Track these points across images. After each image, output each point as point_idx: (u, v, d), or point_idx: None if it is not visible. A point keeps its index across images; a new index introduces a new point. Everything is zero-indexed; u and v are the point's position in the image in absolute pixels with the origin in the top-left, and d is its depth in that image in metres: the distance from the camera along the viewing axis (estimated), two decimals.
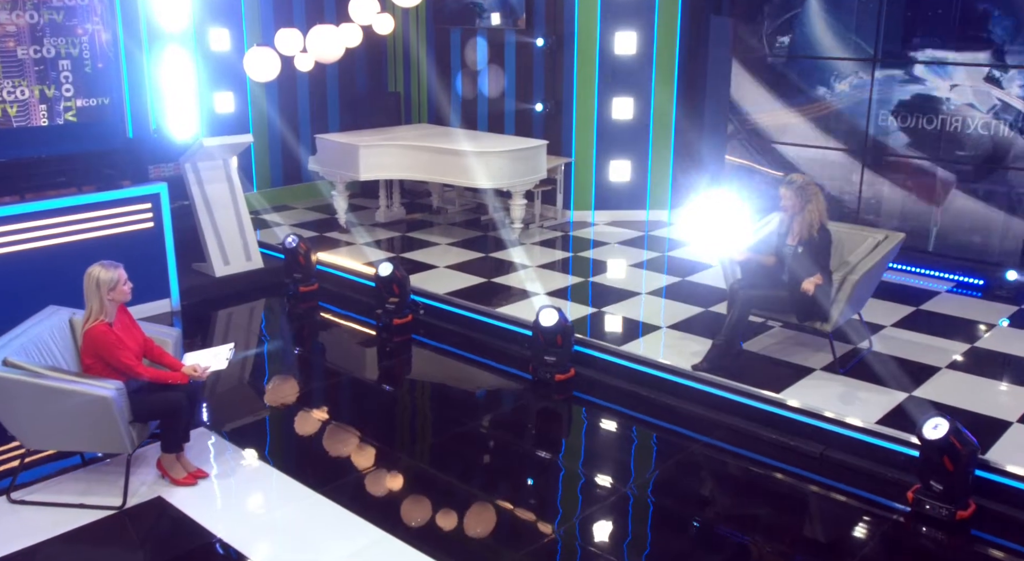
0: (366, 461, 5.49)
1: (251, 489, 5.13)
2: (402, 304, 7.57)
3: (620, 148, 10.09)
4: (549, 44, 9.90)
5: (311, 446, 5.74)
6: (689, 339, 6.72)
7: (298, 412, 6.14)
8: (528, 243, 9.39)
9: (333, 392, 6.58)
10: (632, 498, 5.09)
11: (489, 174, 8.88)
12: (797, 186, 5.93)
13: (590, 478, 5.36)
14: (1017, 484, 4.82)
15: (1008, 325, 7.11)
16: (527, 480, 5.38)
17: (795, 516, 5.14)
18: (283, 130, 10.94)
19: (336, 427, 5.93)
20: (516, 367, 6.80)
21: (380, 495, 5.12)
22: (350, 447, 5.68)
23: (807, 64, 8.83)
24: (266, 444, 5.73)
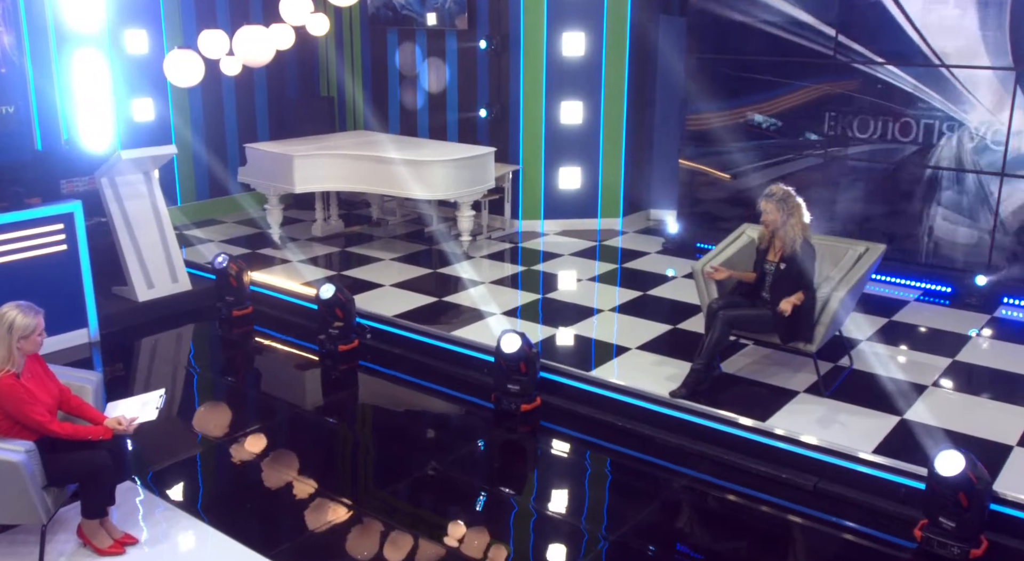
0: (315, 515, 4.87)
1: (189, 557, 4.49)
2: (347, 329, 6.96)
3: (570, 154, 9.64)
4: (493, 46, 9.39)
5: (254, 498, 5.10)
6: (662, 361, 6.29)
7: (237, 455, 5.49)
8: (477, 256, 8.86)
9: (274, 430, 5.93)
10: (614, 546, 4.61)
11: (435, 185, 8.33)
12: (778, 198, 5.54)
13: (566, 524, 4.86)
14: None
15: (985, 335, 6.86)
16: (496, 529, 4.85)
17: (792, 555, 4.74)
18: (208, 139, 10.18)
19: (280, 472, 5.30)
20: (476, 396, 6.27)
21: (332, 556, 4.55)
22: (296, 497, 5.06)
23: (764, 64, 8.51)
24: (201, 497, 5.08)
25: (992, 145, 7.50)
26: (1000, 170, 7.51)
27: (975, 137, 7.56)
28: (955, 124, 7.62)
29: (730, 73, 8.73)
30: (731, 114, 8.81)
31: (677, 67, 9.41)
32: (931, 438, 5.19)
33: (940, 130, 7.72)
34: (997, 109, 7.40)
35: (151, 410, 4.36)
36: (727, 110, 8.82)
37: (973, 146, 7.58)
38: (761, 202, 5.60)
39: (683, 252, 9.08)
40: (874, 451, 5.05)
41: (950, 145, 7.69)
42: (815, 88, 8.28)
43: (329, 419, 6.23)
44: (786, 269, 5.59)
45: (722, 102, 8.83)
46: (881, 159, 8.06)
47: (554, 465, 5.65)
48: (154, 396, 4.44)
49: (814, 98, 8.31)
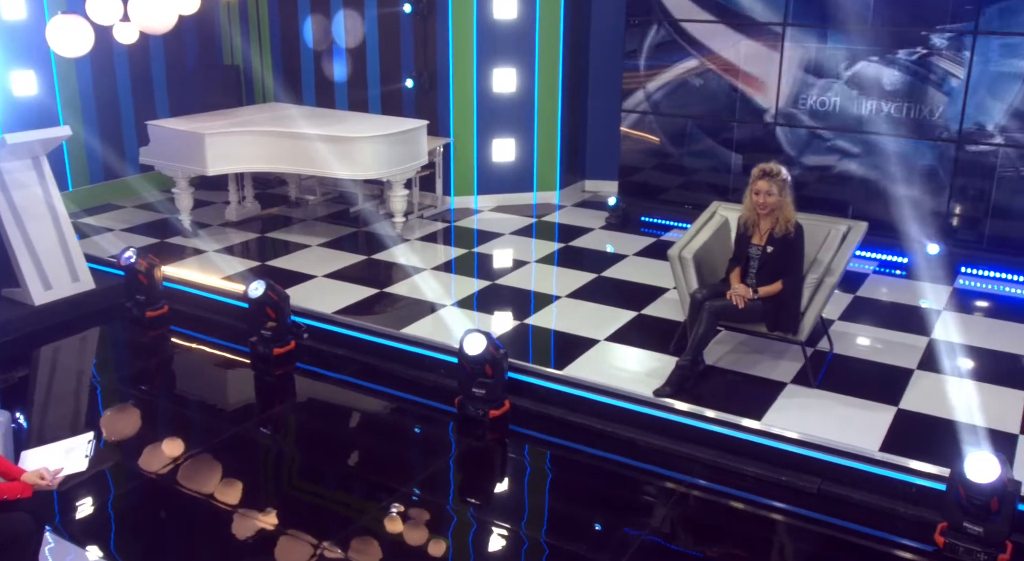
0: (256, 552, 4.24)
1: None
2: (281, 329, 6.25)
3: (503, 125, 9.03)
4: (418, 10, 8.64)
5: (181, 536, 4.41)
6: (636, 354, 5.83)
7: (158, 483, 4.75)
8: (412, 239, 8.20)
9: (201, 450, 5.17)
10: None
11: (365, 163, 7.61)
12: (782, 178, 5.09)
13: (556, 549, 4.36)
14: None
15: (952, 309, 6.67)
16: (478, 555, 4.33)
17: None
18: (100, 115, 9.12)
19: (211, 502, 4.61)
20: (436, 399, 5.69)
21: None
22: (234, 533, 4.39)
23: (711, 28, 8.07)
24: (115, 539, 4.35)
25: (948, 112, 7.28)
26: (956, 137, 7.31)
27: (930, 103, 7.33)
28: (910, 90, 7.37)
29: (672, 36, 8.26)
30: (675, 79, 8.36)
31: (614, 29, 8.91)
32: (936, 431, 4.92)
33: (895, 96, 7.45)
34: (953, 74, 7.17)
35: (79, 459, 3.62)
36: (670, 75, 8.37)
37: (928, 113, 7.35)
38: (761, 183, 5.14)
39: (628, 227, 8.64)
40: (881, 448, 4.73)
41: (905, 112, 7.44)
42: (763, 54, 7.90)
43: (267, 434, 5.53)
44: (774, 253, 5.19)
45: (665, 67, 8.37)
46: (834, 126, 7.76)
47: (530, 476, 5.13)
48: (81, 441, 3.69)
49: (761, 65, 7.93)
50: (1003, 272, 7.26)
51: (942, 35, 7.15)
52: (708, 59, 8.17)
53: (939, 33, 7.16)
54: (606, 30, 9.13)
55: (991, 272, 7.30)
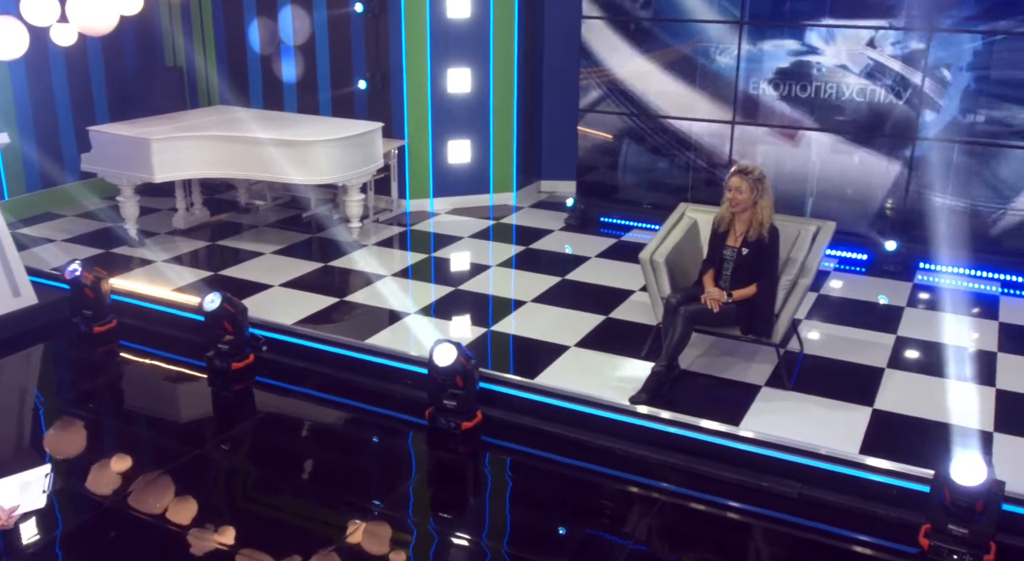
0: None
1: None
2: (239, 342, 6.01)
3: (459, 126, 8.87)
4: (370, 9, 8.42)
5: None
6: (607, 360, 5.73)
7: (113, 512, 4.51)
8: (369, 244, 8.00)
9: (160, 472, 4.94)
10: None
11: (320, 167, 7.38)
12: (756, 177, 5.03)
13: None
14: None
15: (915, 306, 6.71)
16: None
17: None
18: (37, 120, 8.72)
19: (172, 531, 4.38)
20: (404, 411, 5.52)
21: None
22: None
23: (672, 27, 8.01)
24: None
25: (904, 108, 7.33)
26: (913, 134, 7.36)
27: (887, 100, 7.37)
28: (866, 87, 7.40)
29: (630, 35, 8.19)
30: (632, 77, 8.29)
31: (569, 28, 8.81)
32: (913, 431, 4.92)
33: (852, 93, 7.48)
34: (909, 72, 7.22)
35: (36, 494, 3.37)
36: (627, 73, 8.30)
37: (885, 110, 7.39)
38: (733, 179, 5.07)
39: (587, 228, 8.56)
40: (860, 450, 4.70)
41: (862, 109, 7.48)
42: (722, 52, 7.87)
43: (229, 454, 5.30)
44: (749, 255, 5.13)
45: (621, 64, 8.30)
46: (791, 124, 7.77)
47: (504, 489, 4.99)
48: (37, 475, 3.44)
49: (721, 64, 7.90)
50: (959, 266, 7.34)
51: (897, 33, 7.19)
52: (666, 57, 8.11)
53: (893, 30, 7.20)
54: (561, 28, 9.03)
55: (949, 267, 7.38)
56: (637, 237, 8.33)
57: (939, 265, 7.41)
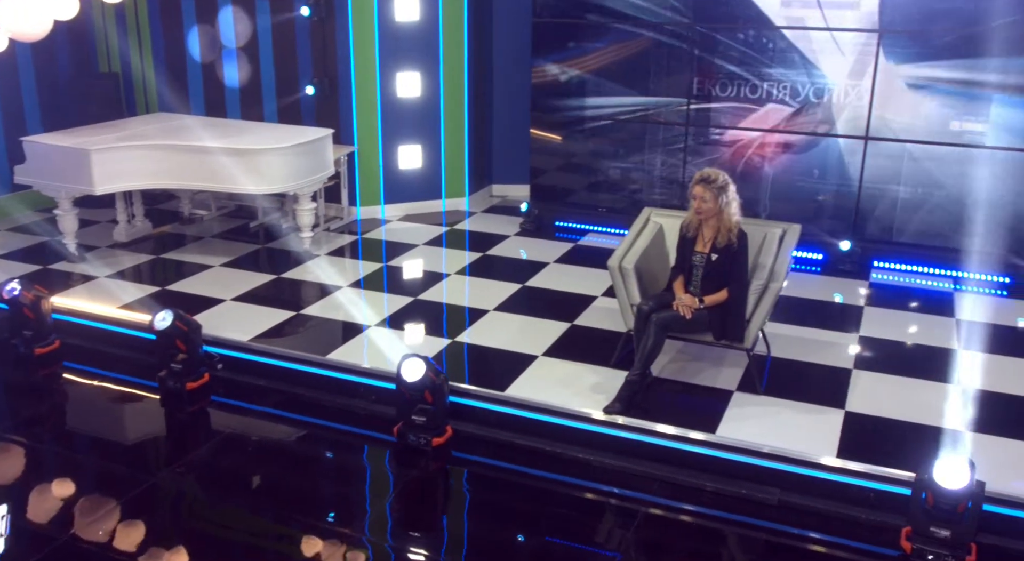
0: None
1: None
2: (193, 361, 5.77)
3: (409, 131, 8.70)
4: (316, 12, 8.20)
5: None
6: (577, 369, 5.64)
7: (72, 553, 4.26)
8: (322, 254, 7.78)
9: (116, 505, 4.69)
10: None
11: (272, 176, 7.15)
12: (719, 186, 4.99)
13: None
14: (1016, 513, 4.27)
15: (874, 305, 6.77)
16: None
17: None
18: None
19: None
20: (371, 428, 5.36)
21: None
22: None
23: (625, 28, 7.96)
24: None
25: (856, 108, 7.40)
26: (864, 133, 7.43)
27: (840, 100, 7.44)
28: (821, 88, 7.46)
29: (581, 37, 8.13)
30: (585, 79, 8.23)
31: (519, 30, 8.72)
32: (886, 433, 4.94)
33: (806, 94, 7.53)
34: (861, 72, 7.29)
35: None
36: (580, 74, 8.23)
37: (838, 109, 7.46)
38: (696, 188, 5.03)
39: (543, 232, 8.48)
40: (837, 454, 4.69)
41: (816, 109, 7.53)
42: (676, 54, 7.85)
43: (189, 480, 5.06)
44: (719, 260, 5.09)
45: (574, 68, 8.23)
46: (746, 125, 7.79)
47: (480, 506, 4.85)
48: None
49: (675, 64, 7.89)
50: (913, 265, 7.45)
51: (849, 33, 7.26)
52: (619, 58, 8.06)
53: (845, 31, 7.27)
54: (511, 29, 8.93)
55: (902, 265, 7.48)
56: (594, 241, 8.28)
57: (893, 263, 7.51)
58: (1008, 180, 7.07)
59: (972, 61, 6.94)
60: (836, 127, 7.50)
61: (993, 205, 7.15)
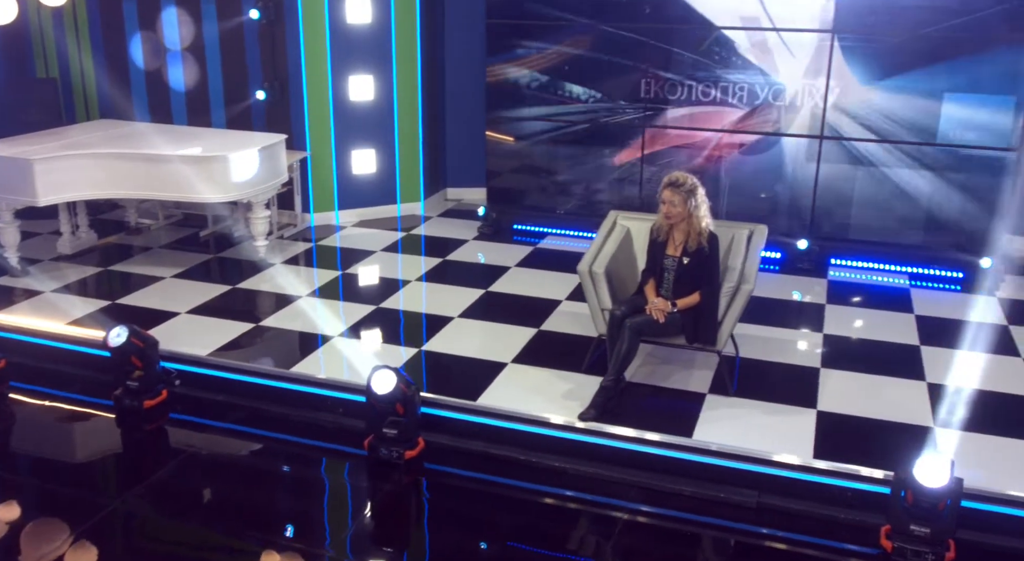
0: None
1: None
2: (151, 378, 5.57)
3: (363, 135, 8.55)
4: (266, 15, 7.99)
5: None
6: (548, 375, 5.57)
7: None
8: (277, 263, 7.59)
9: (76, 535, 4.48)
10: None
11: (227, 183, 6.94)
12: (687, 189, 4.96)
13: None
14: (992, 507, 4.33)
15: (834, 303, 6.84)
16: None
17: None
18: None
19: None
20: (341, 442, 5.22)
21: None
22: None
23: (580, 28, 7.92)
24: None
25: (811, 108, 7.47)
26: (819, 133, 7.51)
27: (794, 100, 7.50)
28: (775, 88, 7.51)
29: (536, 38, 8.07)
30: (539, 80, 8.17)
31: (472, 32, 8.64)
32: (859, 431, 4.98)
33: (761, 94, 7.58)
34: (815, 72, 7.36)
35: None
36: (537, 80, 8.17)
37: (793, 109, 7.52)
38: (665, 193, 5.00)
39: (501, 236, 8.40)
40: (814, 455, 4.70)
41: (771, 109, 7.59)
42: (631, 53, 7.84)
43: (151, 504, 4.85)
44: (690, 264, 5.07)
45: (529, 73, 8.16)
46: (701, 126, 7.81)
47: (457, 519, 4.75)
48: None
49: (630, 65, 7.87)
50: (869, 261, 7.55)
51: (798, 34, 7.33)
52: (573, 58, 8.02)
53: (799, 31, 7.33)
54: (464, 31, 8.84)
55: (858, 262, 7.58)
56: (553, 244, 8.23)
57: (849, 260, 7.60)
58: (957, 178, 7.21)
59: (923, 61, 7.05)
60: (791, 127, 7.57)
61: (944, 202, 7.29)
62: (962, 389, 5.43)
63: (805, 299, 6.92)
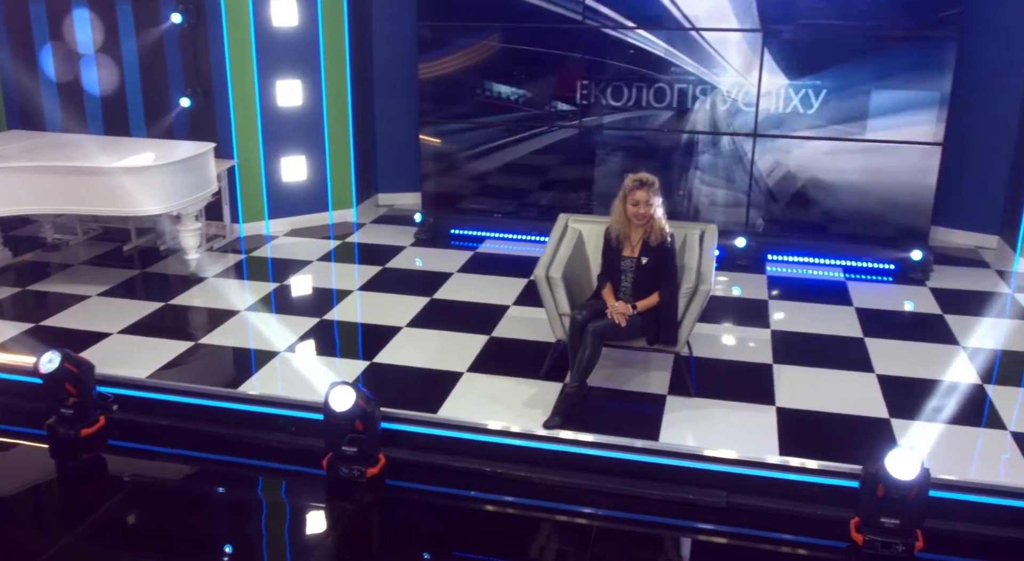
0: None
1: None
2: (87, 405, 5.26)
3: (292, 142, 8.30)
4: (187, 19, 7.67)
5: None
6: (506, 383, 5.47)
7: None
8: (210, 276, 7.30)
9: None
10: None
11: (156, 196, 6.62)
12: (656, 188, 4.94)
13: None
14: (955, 495, 4.42)
15: (776, 298, 6.94)
16: None
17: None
18: None
19: None
20: (297, 462, 5.02)
21: None
22: None
23: (512, 30, 7.85)
24: None
25: (743, 107, 7.57)
26: (752, 131, 7.62)
27: (727, 99, 7.59)
28: (708, 87, 7.59)
29: (470, 40, 7.96)
30: (476, 86, 8.06)
31: (402, 33, 8.48)
32: (820, 425, 5.04)
33: (694, 94, 7.65)
34: (746, 71, 7.47)
35: None
36: (471, 83, 8.06)
37: (726, 108, 7.61)
38: (638, 192, 4.95)
39: (439, 242, 8.27)
40: (780, 451, 4.74)
41: (704, 109, 7.66)
42: (565, 55, 7.81)
43: (99, 541, 4.56)
44: (649, 264, 5.05)
45: (463, 75, 8.05)
46: (636, 126, 7.84)
47: (424, 536, 4.62)
48: None
49: (564, 66, 7.84)
50: (804, 256, 7.70)
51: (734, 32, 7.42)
52: (506, 58, 7.94)
53: (728, 31, 7.42)
54: (393, 33, 8.67)
55: (794, 257, 7.72)
56: (493, 248, 8.14)
57: (786, 256, 7.74)
58: (886, 172, 7.41)
59: (850, 57, 7.22)
60: (727, 126, 7.66)
61: (873, 196, 7.49)
62: (911, 380, 5.56)
63: (748, 296, 7.00)
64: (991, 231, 8.08)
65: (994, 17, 7.47)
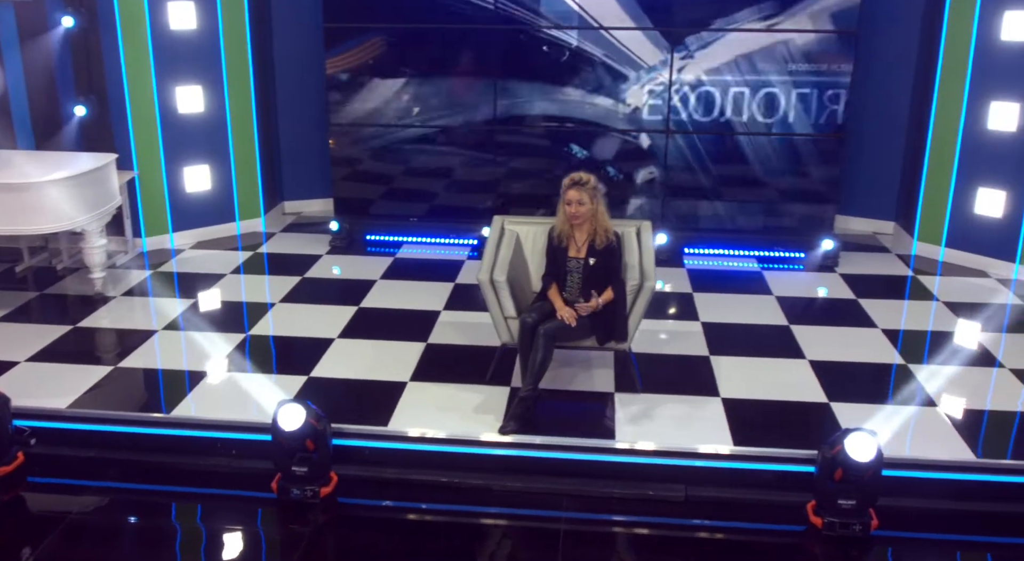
0: None
1: None
2: (2, 441, 4.86)
3: (195, 150, 7.94)
4: (79, 23, 7.20)
5: None
6: (452, 390, 5.38)
7: None
8: (118, 295, 6.89)
9: None
10: None
11: (57, 212, 6.20)
12: (593, 186, 4.93)
13: None
14: (903, 473, 4.60)
15: (699, 291, 7.08)
16: None
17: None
18: None
19: None
20: (242, 486, 4.78)
21: None
22: None
23: (422, 30, 7.73)
24: None
25: (656, 103, 7.70)
26: (664, 127, 7.75)
27: (639, 96, 7.70)
28: (622, 85, 7.68)
29: (380, 41, 7.80)
30: (384, 90, 7.91)
31: (306, 35, 8.24)
32: (766, 414, 5.16)
33: (609, 90, 7.72)
34: (657, 68, 7.59)
35: None
36: (378, 85, 7.90)
37: (639, 105, 7.72)
38: (571, 193, 4.94)
39: (356, 249, 8.09)
40: (734, 442, 4.82)
41: (617, 105, 7.74)
42: (476, 54, 7.76)
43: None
44: (596, 264, 5.05)
45: (371, 75, 7.88)
46: (550, 123, 7.85)
47: (390, 554, 4.48)
48: None
49: (476, 65, 7.79)
50: (719, 248, 7.90)
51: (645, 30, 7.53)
52: (417, 60, 7.82)
53: (641, 29, 7.52)
54: (296, 36, 8.41)
55: (709, 250, 7.91)
56: (411, 253, 8.02)
57: (702, 249, 7.91)
58: (792, 164, 7.69)
59: (751, 50, 7.45)
60: (638, 123, 7.76)
61: (781, 187, 7.76)
62: (841, 363, 5.77)
63: (672, 290, 7.11)
64: (887, 217, 8.50)
65: (886, 11, 7.85)
